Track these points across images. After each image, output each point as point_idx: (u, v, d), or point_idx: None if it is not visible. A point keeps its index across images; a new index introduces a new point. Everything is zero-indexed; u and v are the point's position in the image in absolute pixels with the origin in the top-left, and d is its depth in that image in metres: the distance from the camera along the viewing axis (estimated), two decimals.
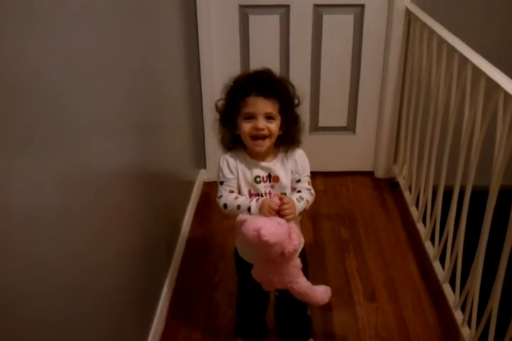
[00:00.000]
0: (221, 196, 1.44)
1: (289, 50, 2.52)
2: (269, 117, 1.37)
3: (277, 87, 1.40)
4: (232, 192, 1.43)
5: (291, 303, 1.55)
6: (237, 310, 1.74)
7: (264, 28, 2.48)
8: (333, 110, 2.65)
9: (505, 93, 1.42)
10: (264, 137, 1.38)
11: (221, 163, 1.46)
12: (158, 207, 1.85)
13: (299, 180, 1.47)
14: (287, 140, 1.46)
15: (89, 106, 1.18)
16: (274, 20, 2.46)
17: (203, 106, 2.56)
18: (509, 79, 1.46)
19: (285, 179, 1.45)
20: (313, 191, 1.50)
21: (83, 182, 1.14)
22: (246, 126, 1.38)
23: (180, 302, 1.93)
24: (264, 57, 2.51)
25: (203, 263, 2.15)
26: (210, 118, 2.59)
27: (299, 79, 2.59)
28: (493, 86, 1.49)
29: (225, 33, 2.48)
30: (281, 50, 2.52)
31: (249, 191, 1.45)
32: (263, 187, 1.44)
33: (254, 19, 2.46)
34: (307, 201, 1.45)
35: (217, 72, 2.51)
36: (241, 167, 1.45)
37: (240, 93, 1.38)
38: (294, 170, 1.47)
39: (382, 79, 2.56)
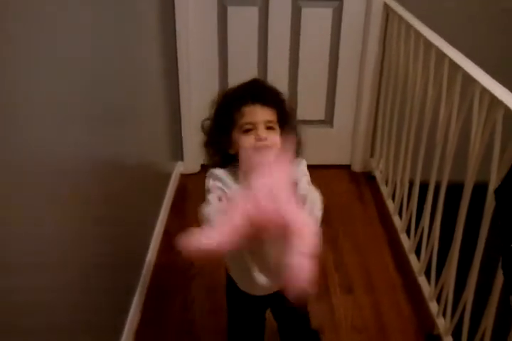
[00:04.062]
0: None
1: (268, 42, 2.50)
2: (269, 127, 1.22)
3: (272, 94, 1.28)
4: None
5: (292, 320, 1.47)
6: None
7: (243, 20, 2.46)
8: (310, 103, 2.65)
9: (482, 87, 1.43)
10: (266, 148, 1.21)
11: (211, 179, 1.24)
12: (132, 200, 1.81)
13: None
14: None
15: (45, 89, 1.08)
16: (253, 12, 2.45)
17: (180, 97, 2.54)
18: (485, 73, 1.48)
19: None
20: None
21: (38, 175, 1.05)
22: (246, 139, 1.20)
23: (156, 295, 1.91)
24: (243, 49, 2.51)
25: (179, 256, 2.13)
26: (188, 109, 2.63)
27: (277, 72, 2.60)
28: (469, 80, 1.51)
29: (203, 24, 2.45)
30: (260, 43, 2.51)
31: None
32: None
33: (232, 10, 2.44)
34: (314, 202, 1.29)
35: (195, 64, 2.49)
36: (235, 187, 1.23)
37: (233, 104, 1.23)
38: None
39: (360, 74, 2.57)
